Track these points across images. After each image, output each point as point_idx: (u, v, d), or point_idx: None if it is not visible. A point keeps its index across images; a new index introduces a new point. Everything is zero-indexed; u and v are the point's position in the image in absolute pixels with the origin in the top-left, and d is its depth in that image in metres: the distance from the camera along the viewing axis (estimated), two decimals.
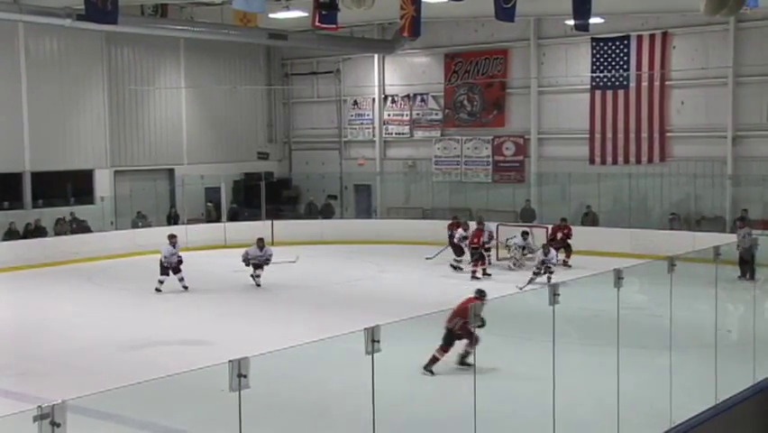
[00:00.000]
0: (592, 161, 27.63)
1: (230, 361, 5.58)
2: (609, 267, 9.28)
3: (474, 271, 21.37)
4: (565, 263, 22.39)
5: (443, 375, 12.30)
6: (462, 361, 12.20)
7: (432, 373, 12.32)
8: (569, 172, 27.48)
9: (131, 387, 6.59)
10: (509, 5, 19.59)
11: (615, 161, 27.27)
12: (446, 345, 12.34)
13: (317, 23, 21.49)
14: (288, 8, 24.10)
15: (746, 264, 18.93)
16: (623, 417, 8.85)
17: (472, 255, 21.76)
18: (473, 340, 11.49)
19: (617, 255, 21.56)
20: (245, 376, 5.59)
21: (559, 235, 23.17)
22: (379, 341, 6.41)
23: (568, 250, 22.99)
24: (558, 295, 8.02)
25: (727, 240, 19.35)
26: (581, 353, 12.47)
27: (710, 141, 25.70)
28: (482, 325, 10.87)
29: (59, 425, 4.72)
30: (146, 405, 9.92)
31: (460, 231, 22.63)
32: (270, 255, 21.32)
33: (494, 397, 10.23)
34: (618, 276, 9.03)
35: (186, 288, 20.48)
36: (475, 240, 21.80)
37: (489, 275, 21.50)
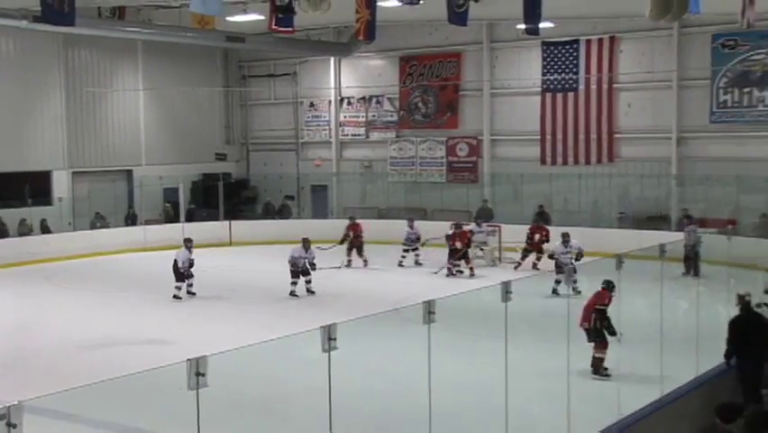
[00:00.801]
0: (543, 162, 27.85)
1: (188, 360, 5.54)
2: None
3: (449, 268, 21.60)
4: (535, 266, 21.67)
5: (398, 372, 12.30)
6: (602, 371, 12.01)
7: (608, 374, 11.96)
8: (521, 173, 27.69)
9: (89, 387, 6.50)
10: (462, 10, 19.69)
11: (565, 162, 27.51)
12: (601, 341, 12.04)
13: (274, 27, 21.39)
14: (245, 11, 23.97)
15: (691, 261, 19.19)
16: (573, 409, 8.93)
17: (452, 254, 21.70)
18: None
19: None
20: (203, 375, 5.55)
21: (536, 237, 22.39)
22: (335, 339, 6.40)
23: (540, 253, 22.15)
24: (510, 292, 8.07)
25: (673, 238, 19.61)
26: (533, 348, 12.56)
27: (656, 142, 26.03)
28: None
29: (15, 426, 4.64)
30: (105, 405, 9.83)
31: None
32: (314, 257, 19.78)
33: (449, 392, 10.28)
34: (569, 274, 9.11)
35: (193, 294, 19.77)
36: (460, 240, 21.77)
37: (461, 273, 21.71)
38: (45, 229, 26.64)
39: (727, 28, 23.36)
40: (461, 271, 21.76)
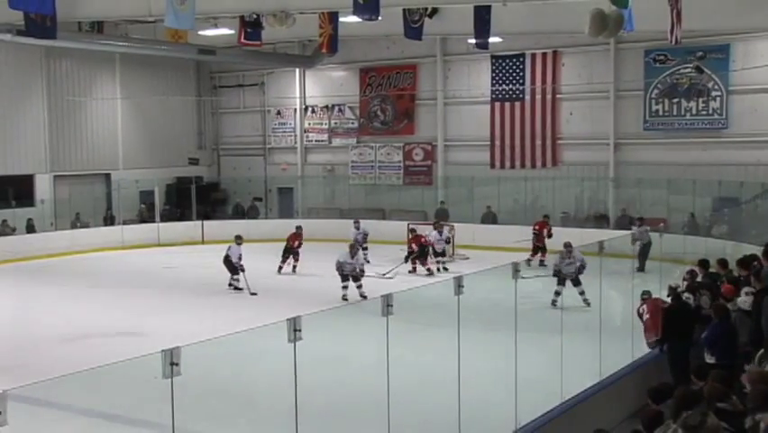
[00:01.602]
0: (493, 166, 27.98)
1: (163, 350, 5.50)
2: (508, 261, 9.43)
3: (414, 268, 21.24)
4: (542, 263, 20.69)
5: (359, 363, 12.31)
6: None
7: None
8: (472, 176, 27.79)
9: (70, 376, 6.44)
10: (417, 25, 19.77)
11: (513, 166, 27.66)
12: None
13: (243, 40, 21.33)
14: (216, 26, 23.86)
15: (641, 258, 18.96)
16: (520, 394, 8.99)
17: (421, 253, 21.35)
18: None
19: (514, 250, 21.86)
20: (177, 364, 5.51)
21: (545, 232, 22.03)
22: (300, 330, 6.39)
23: (544, 249, 21.57)
24: (462, 286, 8.10)
25: (610, 235, 19.83)
26: (483, 338, 12.62)
27: (595, 147, 26.26)
28: None
29: (0, 413, 4.59)
30: (85, 393, 9.71)
31: (435, 234, 21.80)
32: (362, 264, 18.31)
33: (405, 380, 10.30)
34: (516, 269, 9.17)
35: (239, 289, 19.33)
36: (415, 243, 21.61)
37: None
38: (30, 229, 26.25)
39: (658, 44, 23.63)
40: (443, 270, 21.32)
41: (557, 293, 15.34)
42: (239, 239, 20.00)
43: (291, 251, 22.05)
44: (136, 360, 5.95)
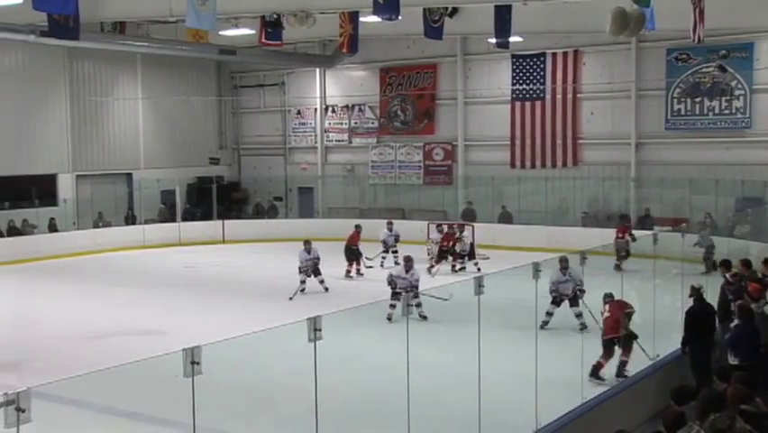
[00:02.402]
0: (513, 166, 27.89)
1: (184, 349, 5.52)
2: (528, 261, 9.39)
3: (431, 267, 21.15)
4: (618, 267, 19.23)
5: (379, 362, 12.30)
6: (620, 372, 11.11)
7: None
8: (492, 176, 27.70)
9: (92, 374, 6.48)
10: (437, 25, 19.74)
11: (533, 166, 27.57)
12: (630, 345, 11.16)
13: (264, 40, 21.40)
14: (236, 26, 23.95)
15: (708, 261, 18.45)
16: (541, 395, 8.96)
17: (439, 255, 21.38)
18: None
19: (535, 250, 21.80)
20: (198, 363, 5.54)
21: (626, 236, 20.57)
22: (320, 330, 6.39)
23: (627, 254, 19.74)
24: (483, 286, 8.08)
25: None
26: (504, 338, 12.59)
27: (616, 147, 26.12)
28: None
29: (23, 410, 4.63)
30: (107, 391, 9.78)
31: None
32: (418, 279, 15.93)
33: (425, 380, 10.29)
34: (536, 269, 9.13)
35: (326, 289, 18.76)
36: (444, 243, 21.58)
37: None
38: (53, 228, 26.46)
39: (680, 43, 23.49)
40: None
41: (549, 314, 14.07)
42: (307, 244, 19.02)
43: (354, 252, 21.23)
44: (157, 358, 5.98)
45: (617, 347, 11.06)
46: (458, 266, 21.44)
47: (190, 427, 5.85)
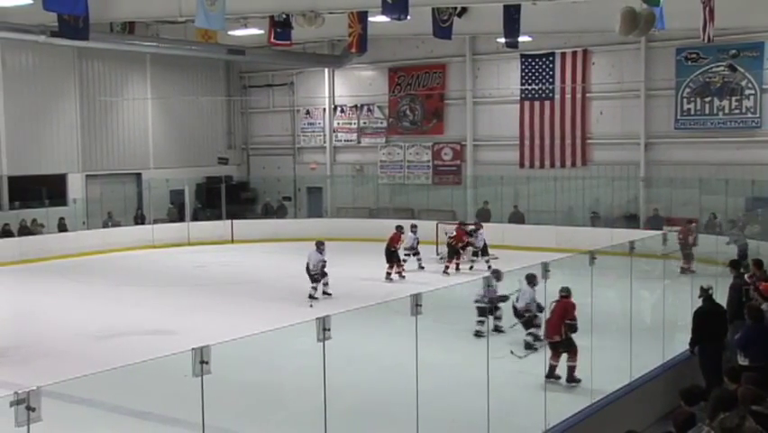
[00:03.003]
0: (522, 165, 27.86)
1: (193, 349, 5.53)
2: (537, 261, 9.37)
3: (447, 267, 21.18)
4: (684, 270, 18.34)
5: (388, 362, 12.29)
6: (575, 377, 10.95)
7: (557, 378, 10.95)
8: (501, 175, 27.67)
9: (101, 373, 6.49)
10: (446, 25, 19.73)
11: (542, 165, 27.53)
12: (573, 348, 11.02)
13: (273, 40, 21.43)
14: (245, 26, 23.98)
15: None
16: (550, 395, 8.94)
17: (449, 253, 21.45)
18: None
19: (543, 250, 21.75)
20: (207, 363, 5.55)
21: (690, 239, 19.70)
22: (329, 330, 6.40)
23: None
24: (491, 286, 8.07)
25: (640, 235, 19.63)
26: (511, 336, 12.57)
27: (625, 147, 26.06)
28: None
29: (33, 409, 4.65)
30: (116, 390, 9.79)
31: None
32: (496, 292, 12.86)
33: (434, 380, 10.27)
34: (545, 268, 9.12)
35: (329, 294, 18.19)
36: (454, 240, 21.58)
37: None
38: (62, 227, 26.55)
39: (690, 42, 23.42)
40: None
41: (535, 338, 12.82)
42: (320, 245, 18.39)
43: (395, 254, 20.72)
44: (166, 358, 5.99)
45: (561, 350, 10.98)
46: (469, 264, 21.47)
47: (199, 426, 5.86)
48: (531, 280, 12.19)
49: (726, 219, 22.94)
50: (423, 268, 21.44)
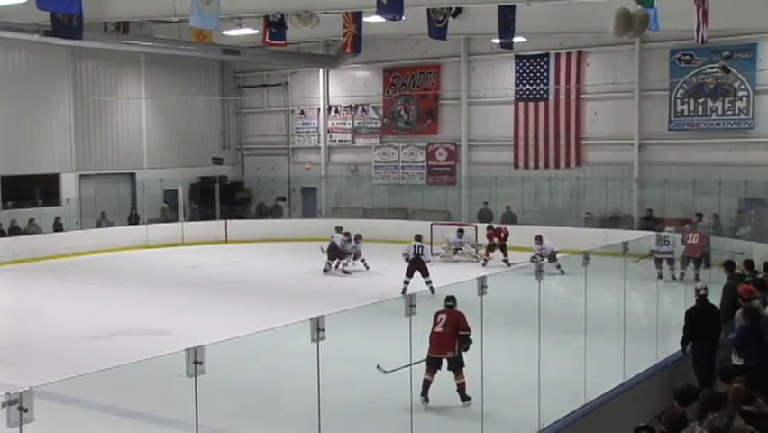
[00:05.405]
0: (516, 166, 27.88)
1: (186, 349, 5.52)
2: (530, 261, 9.37)
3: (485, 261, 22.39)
4: (697, 277, 17.81)
5: (382, 362, 12.27)
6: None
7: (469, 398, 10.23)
8: (495, 176, 27.68)
9: (95, 374, 6.48)
10: (441, 25, 19.74)
11: (536, 166, 27.55)
12: (462, 366, 10.28)
13: (267, 40, 21.44)
14: (240, 26, 23.96)
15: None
16: (544, 395, 8.95)
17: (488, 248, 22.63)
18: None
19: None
20: (201, 363, 5.53)
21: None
22: (323, 330, 6.39)
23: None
24: (486, 287, 8.07)
25: (635, 236, 19.68)
26: (507, 338, 12.56)
27: (619, 148, 26.09)
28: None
29: (26, 410, 4.62)
30: (109, 390, 9.78)
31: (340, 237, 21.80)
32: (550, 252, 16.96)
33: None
34: (539, 269, 9.13)
35: (347, 273, 21.19)
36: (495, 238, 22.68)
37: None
38: (58, 227, 26.47)
39: (684, 44, 23.45)
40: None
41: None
42: (339, 229, 21.63)
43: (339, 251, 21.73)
44: (160, 358, 5.97)
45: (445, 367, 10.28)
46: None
47: (193, 426, 5.85)
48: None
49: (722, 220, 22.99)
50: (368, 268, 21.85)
